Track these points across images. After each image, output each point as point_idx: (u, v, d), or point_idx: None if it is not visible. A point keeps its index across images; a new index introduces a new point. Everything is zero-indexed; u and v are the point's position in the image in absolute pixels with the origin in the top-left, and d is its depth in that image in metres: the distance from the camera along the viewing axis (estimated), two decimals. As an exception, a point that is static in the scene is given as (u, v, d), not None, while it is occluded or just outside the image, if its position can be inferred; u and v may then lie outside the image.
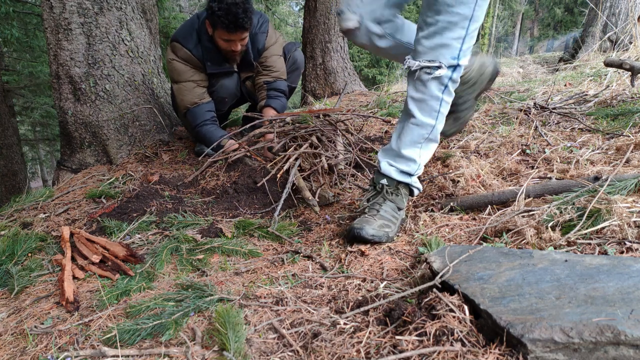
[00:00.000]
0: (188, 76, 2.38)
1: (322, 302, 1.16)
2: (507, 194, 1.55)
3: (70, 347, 1.07)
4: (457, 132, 1.80)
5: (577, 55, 6.00)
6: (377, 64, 12.85)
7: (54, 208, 2.13)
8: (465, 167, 1.83)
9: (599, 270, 0.92)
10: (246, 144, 2.35)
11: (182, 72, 2.37)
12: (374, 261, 1.38)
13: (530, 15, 24.48)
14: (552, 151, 1.94)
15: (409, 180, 1.52)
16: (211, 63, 2.38)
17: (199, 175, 2.25)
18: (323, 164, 2.04)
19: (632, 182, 1.36)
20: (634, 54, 3.74)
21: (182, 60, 2.37)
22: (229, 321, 1.00)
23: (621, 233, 1.19)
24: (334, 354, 0.91)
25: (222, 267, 1.46)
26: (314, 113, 2.51)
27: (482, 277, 0.98)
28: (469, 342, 0.82)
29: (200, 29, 2.34)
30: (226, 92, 2.51)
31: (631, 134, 1.96)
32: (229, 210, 1.98)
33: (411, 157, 1.48)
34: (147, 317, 1.14)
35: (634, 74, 2.38)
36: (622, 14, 5.51)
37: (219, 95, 2.52)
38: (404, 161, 1.49)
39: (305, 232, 1.71)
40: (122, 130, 2.64)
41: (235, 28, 2.18)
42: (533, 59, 8.17)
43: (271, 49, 2.54)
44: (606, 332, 0.71)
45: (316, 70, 4.89)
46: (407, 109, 1.44)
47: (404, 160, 1.49)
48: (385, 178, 1.52)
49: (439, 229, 1.51)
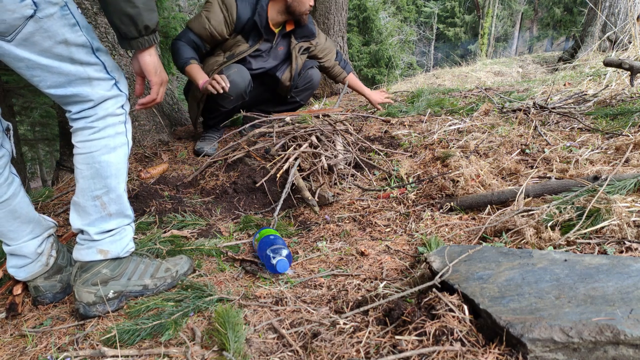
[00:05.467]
0: (212, 18, 2.37)
1: (321, 302, 1.16)
2: (507, 194, 1.55)
3: (70, 347, 1.07)
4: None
5: (577, 55, 6.01)
6: (376, 64, 12.85)
7: (54, 208, 2.13)
8: (464, 167, 1.83)
9: (599, 270, 0.92)
10: (246, 143, 2.35)
11: (214, 12, 2.37)
12: (373, 261, 1.38)
13: (529, 15, 24.49)
14: (552, 151, 1.94)
15: None
16: (260, 20, 2.41)
17: (199, 175, 2.25)
18: (322, 164, 2.04)
19: (631, 182, 1.36)
20: (633, 53, 3.74)
21: (222, 5, 2.37)
22: (228, 321, 1.00)
23: (620, 233, 1.19)
24: (333, 353, 0.91)
25: (221, 268, 1.46)
26: (313, 113, 2.51)
27: (482, 276, 0.98)
28: (468, 342, 0.82)
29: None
30: (234, 90, 2.37)
31: (630, 134, 1.96)
32: (229, 210, 1.98)
33: None
34: (147, 317, 1.14)
35: (633, 73, 2.38)
36: (621, 14, 5.51)
37: (226, 92, 2.44)
38: None
39: (305, 232, 1.71)
40: (121, 130, 2.64)
41: None
42: (532, 58, 8.18)
43: (320, 37, 2.79)
44: (606, 331, 0.71)
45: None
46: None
47: None
48: None
49: (438, 229, 1.51)
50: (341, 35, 4.93)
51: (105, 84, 1.13)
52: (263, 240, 1.44)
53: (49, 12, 0.98)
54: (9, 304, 1.27)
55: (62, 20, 1.01)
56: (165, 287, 1.31)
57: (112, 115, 1.15)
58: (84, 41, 1.06)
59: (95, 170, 1.15)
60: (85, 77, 1.09)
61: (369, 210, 1.77)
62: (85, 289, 1.19)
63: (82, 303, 1.19)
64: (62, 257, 1.32)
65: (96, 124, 1.13)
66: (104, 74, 1.13)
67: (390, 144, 2.37)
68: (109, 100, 1.15)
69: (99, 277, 1.21)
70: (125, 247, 1.24)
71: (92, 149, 1.14)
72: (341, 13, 4.85)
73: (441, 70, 8.01)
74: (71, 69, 1.06)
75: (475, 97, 3.27)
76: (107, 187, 1.16)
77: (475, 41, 21.91)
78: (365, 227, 1.66)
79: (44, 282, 1.27)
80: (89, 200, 1.17)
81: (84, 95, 1.10)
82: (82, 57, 1.07)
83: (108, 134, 1.15)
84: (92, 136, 1.13)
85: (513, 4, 22.93)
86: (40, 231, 1.26)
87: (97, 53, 1.10)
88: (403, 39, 16.17)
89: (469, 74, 6.82)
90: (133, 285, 1.26)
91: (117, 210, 1.20)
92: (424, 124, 2.63)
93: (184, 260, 1.40)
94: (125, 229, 1.25)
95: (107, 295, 1.21)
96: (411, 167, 2.06)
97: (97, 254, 1.20)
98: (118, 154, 1.17)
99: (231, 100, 2.46)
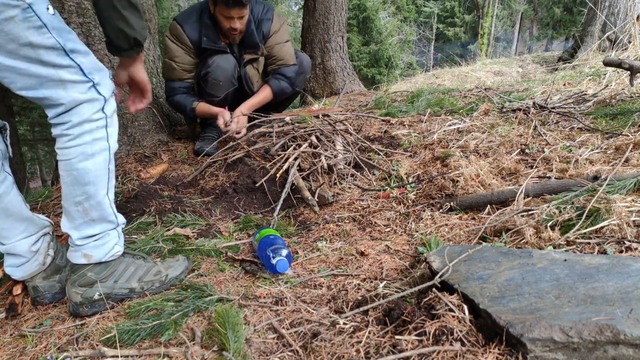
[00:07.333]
0: (176, 56, 2.49)
1: (321, 302, 1.16)
2: (507, 194, 1.55)
3: (70, 347, 1.07)
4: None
5: (576, 54, 6.01)
6: (376, 64, 12.85)
7: (53, 208, 2.12)
8: (464, 166, 1.83)
9: (598, 270, 0.92)
10: (245, 143, 2.34)
11: (172, 50, 2.49)
12: (373, 261, 1.38)
13: (529, 15, 24.49)
14: (551, 151, 1.94)
15: None
16: (208, 39, 2.46)
17: (198, 175, 2.25)
18: (322, 164, 2.04)
19: (631, 182, 1.36)
20: (633, 53, 3.75)
21: (175, 40, 2.47)
22: (228, 321, 0.99)
23: (620, 232, 1.19)
24: (333, 353, 0.91)
25: (221, 268, 1.46)
26: (313, 113, 2.51)
27: (482, 276, 0.98)
28: (468, 342, 0.82)
29: (203, 8, 2.46)
30: (222, 75, 2.45)
31: (630, 133, 1.96)
32: (229, 210, 1.98)
33: None
34: (147, 317, 1.14)
35: (633, 73, 2.38)
36: (621, 13, 5.52)
37: (214, 78, 2.47)
38: None
39: (305, 232, 1.71)
40: (121, 130, 2.64)
41: (233, 4, 2.28)
42: (532, 58, 8.18)
43: (275, 37, 2.61)
44: (605, 331, 0.71)
45: (315, 70, 4.89)
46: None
47: None
48: None
49: (438, 229, 1.51)
50: (341, 35, 4.93)
51: (80, 86, 1.10)
52: (263, 240, 1.44)
53: (8, 15, 0.95)
54: (8, 304, 1.27)
55: (25, 23, 0.98)
56: (152, 291, 1.31)
57: (89, 122, 1.13)
58: (53, 43, 1.03)
59: (73, 178, 1.14)
60: (57, 80, 1.06)
61: (368, 210, 1.77)
62: (73, 289, 1.22)
63: (71, 302, 1.22)
64: (60, 257, 1.33)
65: (71, 131, 1.11)
66: (79, 77, 1.09)
67: (390, 143, 2.37)
68: (84, 105, 1.11)
69: (85, 280, 1.22)
70: (108, 252, 1.24)
71: (70, 156, 1.13)
72: (341, 13, 4.85)
73: (441, 70, 8.01)
74: (42, 71, 1.04)
75: (475, 97, 3.27)
76: (86, 193, 1.16)
77: (475, 41, 21.92)
78: (365, 227, 1.66)
79: (42, 282, 1.28)
80: (72, 206, 1.17)
81: (56, 99, 1.07)
82: (52, 59, 1.04)
83: (84, 140, 1.13)
84: (68, 143, 1.12)
85: (513, 3, 22.93)
86: (34, 230, 1.26)
87: (71, 55, 1.07)
88: (403, 38, 16.17)
89: (468, 74, 6.82)
90: (119, 288, 1.27)
91: (99, 216, 1.20)
92: (424, 123, 2.63)
93: (179, 263, 1.40)
94: (110, 233, 1.25)
95: (92, 297, 1.22)
96: (411, 167, 2.06)
97: (82, 257, 1.22)
98: (96, 160, 1.15)
99: (221, 86, 2.51)
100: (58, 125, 1.12)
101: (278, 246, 1.37)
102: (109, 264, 1.26)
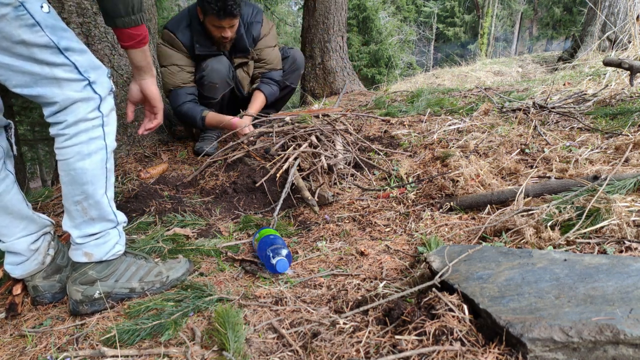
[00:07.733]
0: (173, 60, 2.46)
1: (321, 302, 1.16)
2: (507, 194, 1.55)
3: (70, 347, 1.07)
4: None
5: (576, 54, 6.01)
6: (376, 64, 12.85)
7: (54, 208, 2.13)
8: (464, 166, 1.83)
9: (598, 270, 0.92)
10: (245, 143, 2.34)
11: (168, 56, 2.46)
12: (373, 261, 1.38)
13: (529, 15, 24.48)
14: (551, 150, 1.94)
15: None
16: (200, 45, 2.45)
17: (198, 175, 2.25)
18: (322, 164, 2.04)
19: (631, 182, 1.36)
20: (633, 53, 3.75)
21: (168, 45, 2.46)
22: (228, 321, 0.99)
23: (620, 232, 1.19)
24: (333, 353, 0.91)
25: (221, 267, 1.46)
26: (313, 113, 2.51)
27: (482, 276, 0.98)
28: (468, 342, 0.82)
29: (192, 15, 2.43)
30: (217, 77, 2.46)
31: (630, 133, 1.96)
32: (229, 210, 1.98)
33: None
34: (147, 317, 1.14)
35: (632, 73, 2.38)
36: (620, 13, 5.52)
37: (210, 81, 2.48)
38: None
39: (305, 232, 1.71)
40: (120, 130, 2.64)
41: (224, 14, 2.26)
42: (532, 58, 8.18)
43: (265, 40, 2.61)
44: (605, 331, 0.71)
45: (315, 70, 4.89)
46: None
47: None
48: None
49: (438, 229, 1.51)
50: (341, 35, 4.93)
51: (75, 85, 1.10)
52: (263, 240, 1.44)
53: (0, 13, 0.95)
54: (8, 304, 1.27)
55: (17, 21, 0.98)
56: (152, 292, 1.31)
57: (84, 121, 1.12)
58: (47, 41, 1.03)
59: (72, 177, 1.14)
60: (52, 78, 1.06)
61: (368, 210, 1.77)
62: (74, 287, 1.22)
63: (71, 299, 1.22)
64: (61, 257, 1.33)
65: (67, 131, 1.11)
66: (74, 75, 1.09)
67: (390, 143, 2.37)
68: (79, 104, 1.11)
69: (86, 278, 1.22)
70: (109, 251, 1.24)
71: (67, 156, 1.13)
72: (340, 13, 4.85)
73: (441, 70, 8.02)
74: (36, 69, 1.04)
75: (475, 96, 3.27)
76: (84, 193, 1.16)
77: (475, 41, 21.91)
78: (365, 227, 1.66)
79: (42, 282, 1.28)
80: (72, 205, 1.18)
81: (50, 97, 1.07)
82: (46, 57, 1.04)
83: (80, 140, 1.13)
84: (64, 143, 1.12)
85: (513, 3, 22.93)
86: (34, 229, 1.26)
87: (66, 53, 1.06)
88: (403, 38, 16.17)
89: (468, 74, 6.82)
90: (120, 288, 1.27)
91: (98, 215, 1.20)
92: (424, 123, 2.63)
93: (181, 264, 1.40)
94: (110, 232, 1.25)
95: (92, 295, 1.22)
96: (411, 166, 2.06)
97: (83, 256, 1.22)
98: (93, 160, 1.15)
99: (217, 88, 2.51)
100: (54, 124, 1.12)
101: (278, 246, 1.37)
102: (110, 263, 1.26)
